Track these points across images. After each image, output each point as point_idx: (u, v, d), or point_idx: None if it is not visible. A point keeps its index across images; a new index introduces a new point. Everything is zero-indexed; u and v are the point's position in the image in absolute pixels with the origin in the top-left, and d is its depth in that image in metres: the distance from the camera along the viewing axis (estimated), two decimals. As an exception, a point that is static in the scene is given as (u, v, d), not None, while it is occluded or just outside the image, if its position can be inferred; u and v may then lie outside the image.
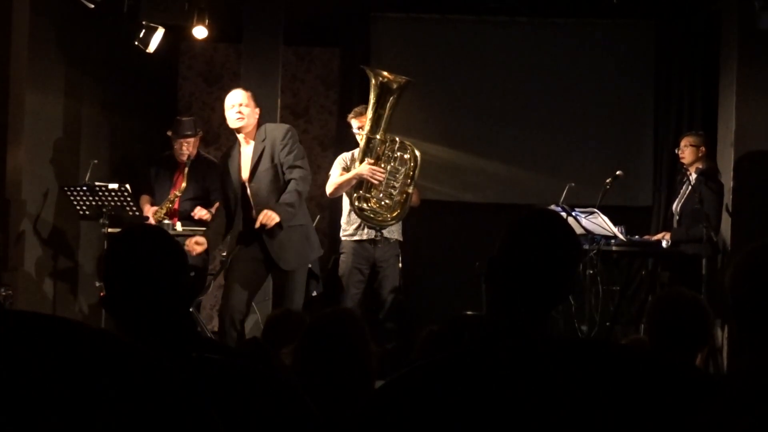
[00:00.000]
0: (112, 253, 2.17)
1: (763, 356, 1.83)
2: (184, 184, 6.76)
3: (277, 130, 5.92)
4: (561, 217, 2.22)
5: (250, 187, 5.82)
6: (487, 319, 2.14)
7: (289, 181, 5.80)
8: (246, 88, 6.00)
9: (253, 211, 5.79)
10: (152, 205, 6.99)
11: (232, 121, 5.82)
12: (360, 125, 6.47)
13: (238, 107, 5.79)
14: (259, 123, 5.91)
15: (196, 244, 5.96)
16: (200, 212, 6.89)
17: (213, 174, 7.18)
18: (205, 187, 7.07)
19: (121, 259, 2.14)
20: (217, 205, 7.11)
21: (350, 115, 6.69)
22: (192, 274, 6.90)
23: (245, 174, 5.85)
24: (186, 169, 6.81)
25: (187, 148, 7.00)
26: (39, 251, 6.99)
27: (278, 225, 5.71)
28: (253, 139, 5.87)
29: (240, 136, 5.89)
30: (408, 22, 8.45)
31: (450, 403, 1.71)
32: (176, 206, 6.92)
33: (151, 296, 2.10)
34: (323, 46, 8.80)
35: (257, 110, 5.89)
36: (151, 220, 6.80)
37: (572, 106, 8.31)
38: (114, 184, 6.59)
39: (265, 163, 5.79)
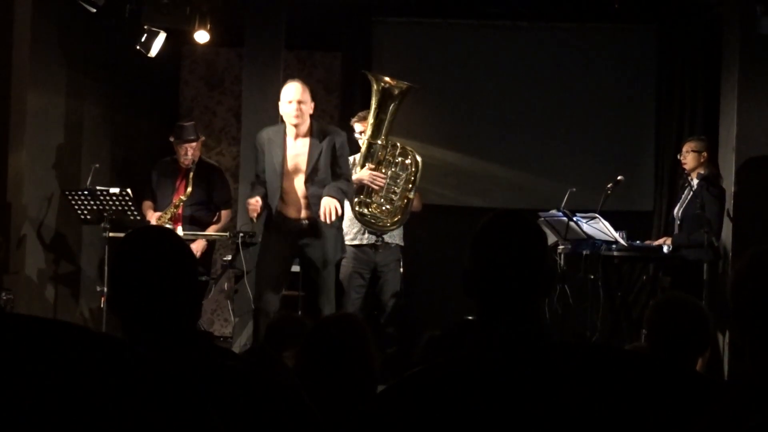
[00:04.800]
0: (121, 252, 2.15)
1: (764, 362, 1.83)
2: (189, 189, 6.75)
3: (336, 134, 5.90)
4: (519, 215, 2.20)
5: (307, 187, 5.77)
6: (480, 325, 2.14)
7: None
8: (304, 82, 5.90)
9: (304, 209, 5.79)
10: (154, 210, 6.99)
11: (289, 116, 5.74)
12: (363, 129, 6.47)
13: (297, 104, 5.72)
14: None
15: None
16: (200, 245, 6.91)
17: (216, 179, 7.20)
18: (208, 192, 7.09)
19: (130, 259, 2.13)
20: (224, 213, 7.15)
21: (354, 119, 6.70)
22: (204, 278, 6.95)
23: (293, 168, 5.79)
24: (191, 174, 6.80)
25: (191, 152, 6.99)
26: (40, 255, 6.99)
27: (320, 222, 5.73)
28: (304, 137, 5.80)
29: (290, 128, 5.81)
30: (409, 26, 8.45)
31: (451, 407, 1.71)
32: (180, 211, 6.92)
33: (158, 297, 2.09)
34: (324, 50, 8.80)
35: (312, 105, 5.84)
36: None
37: (573, 110, 8.31)
38: (115, 188, 6.58)
39: (322, 166, 5.75)
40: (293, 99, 5.73)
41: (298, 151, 5.80)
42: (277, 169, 5.78)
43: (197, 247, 6.86)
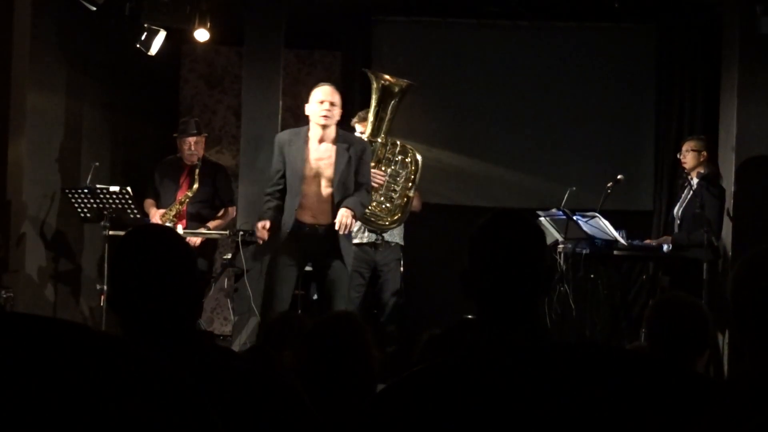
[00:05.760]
0: (121, 251, 2.16)
1: (764, 362, 1.83)
2: (196, 186, 6.75)
3: (360, 144, 5.83)
4: (519, 215, 2.20)
5: (335, 195, 5.66)
6: (480, 325, 2.14)
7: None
8: (335, 87, 5.81)
9: (322, 215, 5.69)
10: (157, 208, 6.99)
11: (318, 117, 5.62)
12: (363, 130, 6.47)
13: (329, 105, 5.62)
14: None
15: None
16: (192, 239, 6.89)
17: (221, 177, 7.20)
18: (214, 189, 7.09)
19: (130, 257, 2.13)
20: (231, 209, 7.14)
21: (354, 120, 6.69)
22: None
23: (315, 173, 5.70)
24: (196, 171, 6.80)
25: (195, 147, 6.99)
26: (40, 253, 6.99)
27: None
28: (328, 142, 5.69)
29: (314, 132, 5.69)
30: (409, 25, 8.45)
31: (451, 407, 1.71)
32: (185, 208, 6.93)
33: (158, 296, 2.09)
34: (324, 49, 8.80)
35: (340, 111, 5.75)
36: (158, 222, 6.80)
37: (573, 110, 8.31)
38: (115, 186, 6.59)
39: (349, 174, 5.68)
40: (326, 99, 5.62)
41: (321, 155, 5.68)
42: (299, 172, 5.66)
43: (197, 237, 6.87)
